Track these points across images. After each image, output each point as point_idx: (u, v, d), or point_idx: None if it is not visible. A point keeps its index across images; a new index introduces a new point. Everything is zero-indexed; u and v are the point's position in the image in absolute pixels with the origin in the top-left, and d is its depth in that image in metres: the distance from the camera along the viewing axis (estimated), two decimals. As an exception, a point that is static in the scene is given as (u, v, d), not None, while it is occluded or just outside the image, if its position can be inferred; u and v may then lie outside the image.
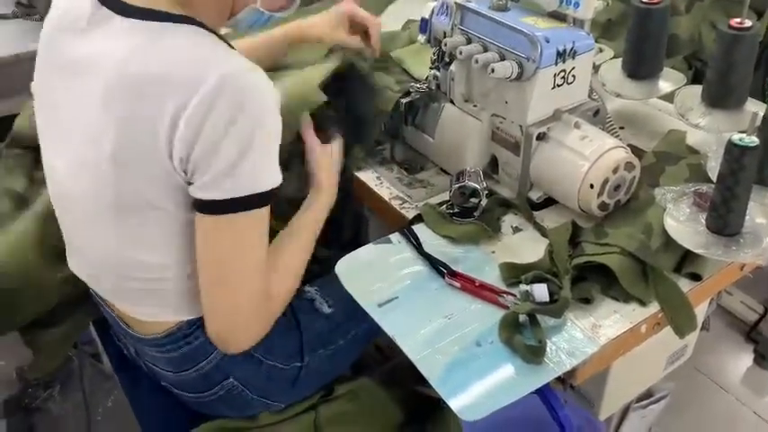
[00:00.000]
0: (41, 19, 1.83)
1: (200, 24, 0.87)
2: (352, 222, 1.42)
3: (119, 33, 0.84)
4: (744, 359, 1.93)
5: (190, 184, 0.84)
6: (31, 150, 1.24)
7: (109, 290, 1.01)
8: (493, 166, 1.17)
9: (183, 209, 0.87)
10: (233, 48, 0.89)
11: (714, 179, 0.99)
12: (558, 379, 0.88)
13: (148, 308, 0.97)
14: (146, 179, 0.84)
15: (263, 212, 0.86)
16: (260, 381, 1.04)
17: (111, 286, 0.99)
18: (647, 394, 1.33)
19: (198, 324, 0.98)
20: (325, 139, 1.12)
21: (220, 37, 0.89)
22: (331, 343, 1.10)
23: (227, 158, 0.80)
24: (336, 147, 1.13)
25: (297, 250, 1.00)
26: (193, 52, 0.83)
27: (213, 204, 0.83)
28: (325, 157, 1.09)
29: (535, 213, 1.10)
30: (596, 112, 1.12)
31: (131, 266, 0.93)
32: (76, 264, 1.04)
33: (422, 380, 0.86)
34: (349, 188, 1.24)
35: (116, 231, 0.90)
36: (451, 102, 1.18)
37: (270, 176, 0.85)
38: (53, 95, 0.92)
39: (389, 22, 1.65)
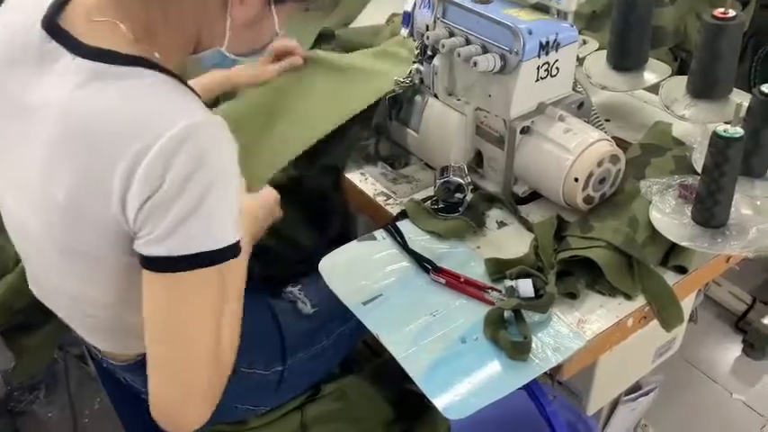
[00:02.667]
0: None
1: (158, 67, 0.79)
2: (340, 219, 1.40)
3: (68, 74, 0.77)
4: (732, 349, 1.94)
5: (135, 237, 0.77)
6: None
7: (70, 321, 0.97)
8: (478, 160, 1.16)
9: (130, 256, 0.80)
10: (190, 88, 0.82)
11: (699, 171, 0.99)
12: (546, 374, 0.87)
13: (109, 342, 0.95)
14: (96, 229, 0.78)
15: (215, 271, 0.77)
16: (240, 389, 1.02)
17: (70, 318, 0.96)
18: (636, 387, 1.32)
19: None
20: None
21: (177, 77, 0.81)
22: (315, 344, 1.09)
23: (176, 215, 0.73)
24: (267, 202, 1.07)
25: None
26: (148, 104, 0.76)
27: (159, 261, 0.76)
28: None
29: (520, 208, 1.09)
30: (581, 105, 1.11)
31: (84, 303, 0.89)
32: (37, 290, 0.99)
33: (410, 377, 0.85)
34: (336, 184, 1.23)
35: (67, 271, 0.86)
36: (435, 96, 1.17)
37: (223, 234, 0.77)
38: (1, 132, 0.85)
39: (373, 15, 1.64)
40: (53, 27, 0.79)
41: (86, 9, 0.80)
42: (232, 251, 0.78)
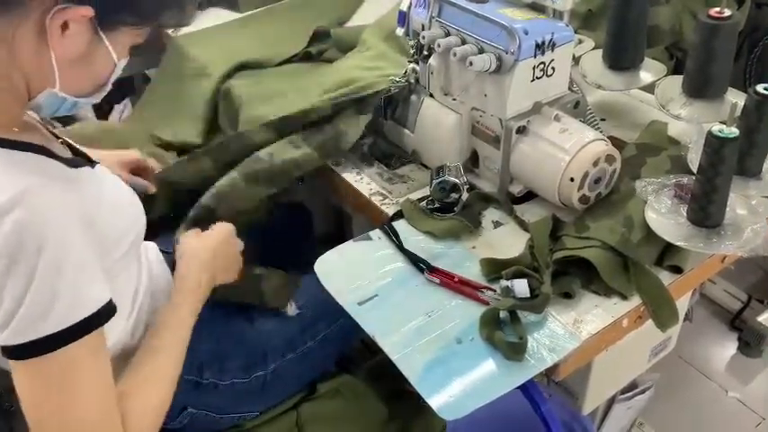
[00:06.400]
0: None
1: None
2: (329, 218, 1.40)
3: None
4: (728, 347, 1.94)
5: None
6: None
7: None
8: (473, 160, 1.16)
9: None
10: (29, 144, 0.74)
11: (695, 170, 0.99)
12: (542, 373, 0.87)
13: None
14: None
15: (83, 345, 0.70)
16: (220, 401, 1.01)
17: None
18: (632, 386, 1.33)
19: None
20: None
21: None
22: (299, 346, 1.08)
23: (9, 306, 0.68)
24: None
25: (162, 366, 0.83)
26: None
27: (11, 349, 0.69)
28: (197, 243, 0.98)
29: (516, 207, 1.09)
30: (576, 104, 1.11)
31: None
32: None
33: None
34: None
35: None
36: (431, 95, 1.16)
37: (73, 308, 0.70)
38: None
39: (368, 15, 1.64)
40: None
41: None
42: (98, 318, 0.71)
